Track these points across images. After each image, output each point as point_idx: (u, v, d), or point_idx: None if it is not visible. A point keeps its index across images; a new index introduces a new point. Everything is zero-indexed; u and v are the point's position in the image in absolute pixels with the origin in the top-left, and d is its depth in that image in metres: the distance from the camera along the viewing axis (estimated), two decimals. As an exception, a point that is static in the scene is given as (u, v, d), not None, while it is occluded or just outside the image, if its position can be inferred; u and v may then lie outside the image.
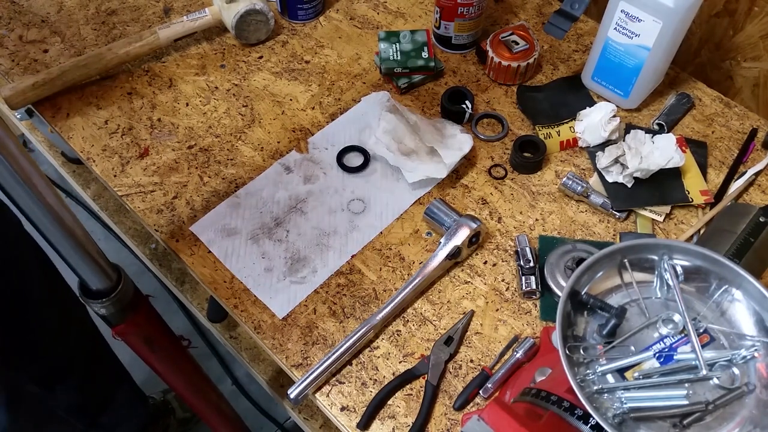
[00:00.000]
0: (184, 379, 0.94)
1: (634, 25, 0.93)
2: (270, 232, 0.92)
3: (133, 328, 0.76)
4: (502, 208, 0.95)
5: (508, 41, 1.06)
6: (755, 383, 0.61)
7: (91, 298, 0.70)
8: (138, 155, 0.99)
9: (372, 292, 0.87)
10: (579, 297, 0.67)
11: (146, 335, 0.79)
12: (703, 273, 0.68)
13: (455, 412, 0.78)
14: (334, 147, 1.00)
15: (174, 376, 0.91)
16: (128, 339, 0.78)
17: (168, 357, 0.87)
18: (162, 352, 0.84)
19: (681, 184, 0.95)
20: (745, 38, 1.06)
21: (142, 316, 0.77)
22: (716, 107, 1.05)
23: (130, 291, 0.73)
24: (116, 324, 0.74)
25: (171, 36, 1.08)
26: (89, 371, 1.20)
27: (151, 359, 0.84)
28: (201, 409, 1.04)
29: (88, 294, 0.70)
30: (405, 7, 1.19)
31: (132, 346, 0.81)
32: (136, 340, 0.79)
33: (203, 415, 1.07)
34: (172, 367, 0.89)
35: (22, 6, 1.18)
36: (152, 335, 0.80)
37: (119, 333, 0.75)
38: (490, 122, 1.04)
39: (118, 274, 0.71)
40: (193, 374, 0.96)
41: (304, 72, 1.10)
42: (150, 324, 0.80)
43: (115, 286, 0.70)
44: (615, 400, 0.61)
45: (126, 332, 0.76)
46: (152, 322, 0.80)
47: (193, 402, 1.01)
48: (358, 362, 0.82)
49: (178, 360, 0.90)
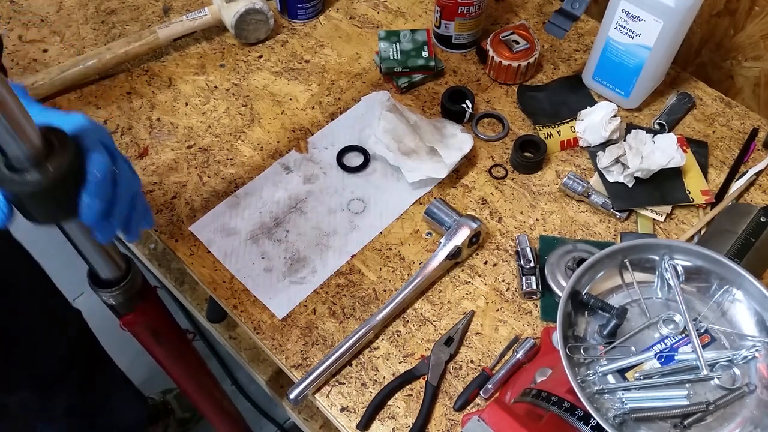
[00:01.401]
0: (189, 374, 0.94)
1: (634, 24, 0.93)
2: (269, 232, 0.92)
3: (141, 319, 0.75)
4: (503, 208, 0.94)
5: (508, 41, 1.06)
6: (756, 383, 0.61)
7: (101, 287, 0.71)
8: (137, 155, 0.99)
9: (372, 293, 0.87)
10: (580, 297, 0.66)
11: (153, 326, 0.79)
12: (704, 273, 0.68)
13: (455, 412, 0.78)
14: (334, 147, 1.00)
15: (179, 370, 0.91)
16: (135, 330, 0.78)
17: (174, 350, 0.86)
18: (168, 344, 0.84)
19: (682, 184, 0.95)
20: (745, 38, 1.06)
21: (151, 306, 0.77)
22: (717, 107, 1.05)
23: (139, 280, 0.73)
24: (124, 314, 0.74)
25: (170, 35, 1.08)
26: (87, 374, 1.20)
27: (157, 352, 0.84)
28: (204, 405, 1.04)
29: (97, 283, 0.71)
30: (405, 6, 1.19)
31: (138, 337, 0.80)
32: (143, 332, 0.79)
33: (206, 412, 1.07)
34: (177, 360, 0.89)
35: (21, 6, 1.18)
36: (159, 327, 0.80)
37: (127, 323, 0.75)
38: (490, 122, 1.04)
39: (128, 263, 0.72)
40: (197, 369, 0.96)
41: (303, 71, 1.10)
42: (158, 315, 0.79)
43: (124, 276, 0.71)
44: (616, 400, 0.61)
45: (134, 323, 0.76)
46: (160, 313, 0.80)
47: (196, 398, 1.01)
48: (358, 363, 0.82)
49: (183, 353, 0.90)
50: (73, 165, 0.55)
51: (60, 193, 0.55)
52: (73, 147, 0.55)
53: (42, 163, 0.53)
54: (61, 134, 0.55)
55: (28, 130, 0.51)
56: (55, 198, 0.55)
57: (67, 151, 0.54)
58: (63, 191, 0.55)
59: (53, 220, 0.59)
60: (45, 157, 0.53)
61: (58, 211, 0.57)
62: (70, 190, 0.56)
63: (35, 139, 0.52)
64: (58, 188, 0.54)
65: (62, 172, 0.54)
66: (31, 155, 0.52)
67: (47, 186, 0.53)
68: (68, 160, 0.54)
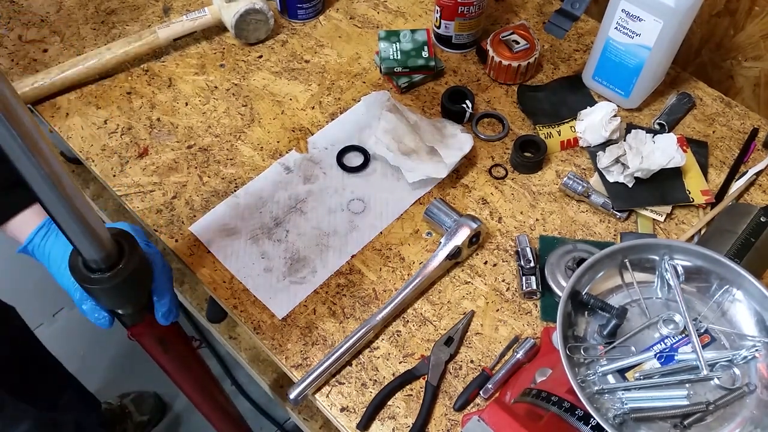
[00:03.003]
0: (193, 380, 0.94)
1: (634, 24, 0.93)
2: (269, 232, 0.92)
3: (149, 329, 0.76)
4: (503, 208, 0.94)
5: (508, 41, 1.06)
6: (756, 383, 0.61)
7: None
8: (137, 155, 0.99)
9: (372, 293, 0.87)
10: (580, 297, 0.66)
11: (160, 335, 0.79)
12: (704, 273, 0.68)
13: (455, 412, 0.78)
14: (334, 147, 1.00)
15: (183, 376, 0.91)
16: (143, 339, 0.78)
17: (179, 357, 0.87)
18: (174, 352, 0.84)
19: (682, 184, 0.95)
20: (745, 38, 1.06)
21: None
22: (717, 107, 1.05)
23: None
24: (132, 325, 0.74)
25: (170, 35, 1.08)
26: (26, 376, 1.20)
27: (163, 359, 0.84)
28: (207, 410, 1.04)
29: None
30: (405, 6, 1.19)
31: (145, 346, 0.81)
32: (150, 341, 0.79)
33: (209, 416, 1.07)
34: (182, 367, 0.89)
35: (21, 5, 1.18)
36: (166, 335, 0.80)
37: (135, 334, 0.76)
38: (490, 122, 1.04)
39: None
40: (201, 375, 0.96)
41: (303, 71, 1.10)
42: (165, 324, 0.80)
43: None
44: (616, 400, 0.61)
45: (142, 332, 0.76)
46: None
47: (199, 402, 1.01)
48: (358, 363, 0.82)
49: (188, 360, 0.90)
50: (142, 264, 0.65)
51: (130, 288, 0.66)
52: (139, 248, 0.65)
53: (115, 265, 0.62)
54: (129, 236, 0.65)
55: (102, 233, 0.60)
56: (126, 292, 0.66)
57: (136, 252, 0.64)
58: (132, 287, 0.66)
59: (121, 307, 0.71)
60: (118, 258, 0.63)
61: (128, 301, 0.69)
62: (139, 285, 0.68)
63: (107, 242, 0.61)
64: (129, 285, 0.64)
65: (133, 270, 0.63)
66: (103, 257, 0.61)
67: (121, 284, 0.63)
68: (137, 260, 0.64)
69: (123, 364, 1.66)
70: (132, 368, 1.64)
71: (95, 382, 1.49)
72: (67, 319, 1.75)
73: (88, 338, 1.71)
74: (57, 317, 1.76)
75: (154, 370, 0.93)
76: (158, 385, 1.58)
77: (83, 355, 1.66)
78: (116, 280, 0.62)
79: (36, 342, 1.28)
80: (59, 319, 1.75)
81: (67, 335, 1.69)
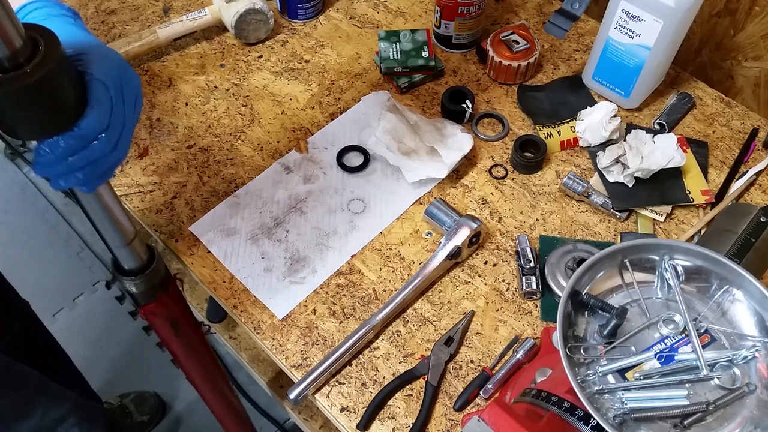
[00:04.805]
0: (202, 368, 0.94)
1: (634, 24, 0.93)
2: (269, 232, 0.92)
3: (162, 309, 0.76)
4: (503, 208, 0.94)
5: (508, 41, 1.06)
6: (756, 383, 0.61)
7: (124, 275, 0.71)
8: (137, 155, 0.99)
9: (372, 293, 0.87)
10: (580, 297, 0.66)
11: (173, 317, 0.79)
12: (704, 273, 0.68)
13: (455, 412, 0.78)
14: (334, 147, 1.00)
15: (192, 363, 0.91)
16: (154, 320, 0.78)
17: (190, 342, 0.86)
18: (185, 336, 0.84)
19: (682, 183, 0.95)
20: (745, 38, 1.06)
21: (171, 296, 0.77)
22: (717, 107, 1.05)
23: (161, 271, 0.73)
24: (146, 303, 0.74)
25: (170, 35, 1.08)
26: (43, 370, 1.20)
27: (173, 343, 0.84)
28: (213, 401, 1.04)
29: (121, 271, 0.71)
30: (405, 6, 1.19)
31: (157, 328, 0.81)
32: (162, 322, 0.79)
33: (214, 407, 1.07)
34: (192, 353, 0.89)
35: (21, 5, 1.18)
36: (178, 317, 0.80)
37: (148, 313, 0.75)
38: (490, 122, 1.04)
39: (151, 253, 0.72)
40: (210, 364, 0.96)
41: (303, 71, 1.10)
42: (177, 305, 0.80)
43: (147, 265, 0.71)
44: (616, 400, 0.61)
45: (154, 312, 0.76)
46: (179, 303, 0.80)
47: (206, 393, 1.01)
48: (358, 363, 0.82)
49: (198, 346, 0.90)
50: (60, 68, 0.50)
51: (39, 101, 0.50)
52: (60, 57, 0.50)
53: (22, 65, 0.48)
54: (51, 35, 0.51)
55: (9, 28, 0.47)
56: (33, 106, 0.50)
57: (56, 53, 0.49)
58: (42, 99, 0.50)
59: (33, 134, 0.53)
60: (27, 60, 0.49)
61: (37, 123, 0.52)
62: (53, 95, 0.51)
63: (15, 38, 0.48)
64: (35, 95, 0.49)
65: (40, 78, 0.48)
66: (6, 56, 0.48)
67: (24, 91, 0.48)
68: (56, 63, 0.49)
69: (123, 365, 1.66)
70: (132, 368, 1.64)
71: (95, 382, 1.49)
72: (67, 319, 1.76)
73: (89, 338, 1.71)
74: (57, 317, 1.76)
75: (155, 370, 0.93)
76: (158, 385, 1.58)
77: (84, 355, 1.66)
78: (18, 84, 0.48)
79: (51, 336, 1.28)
80: (59, 319, 1.76)
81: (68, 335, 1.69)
